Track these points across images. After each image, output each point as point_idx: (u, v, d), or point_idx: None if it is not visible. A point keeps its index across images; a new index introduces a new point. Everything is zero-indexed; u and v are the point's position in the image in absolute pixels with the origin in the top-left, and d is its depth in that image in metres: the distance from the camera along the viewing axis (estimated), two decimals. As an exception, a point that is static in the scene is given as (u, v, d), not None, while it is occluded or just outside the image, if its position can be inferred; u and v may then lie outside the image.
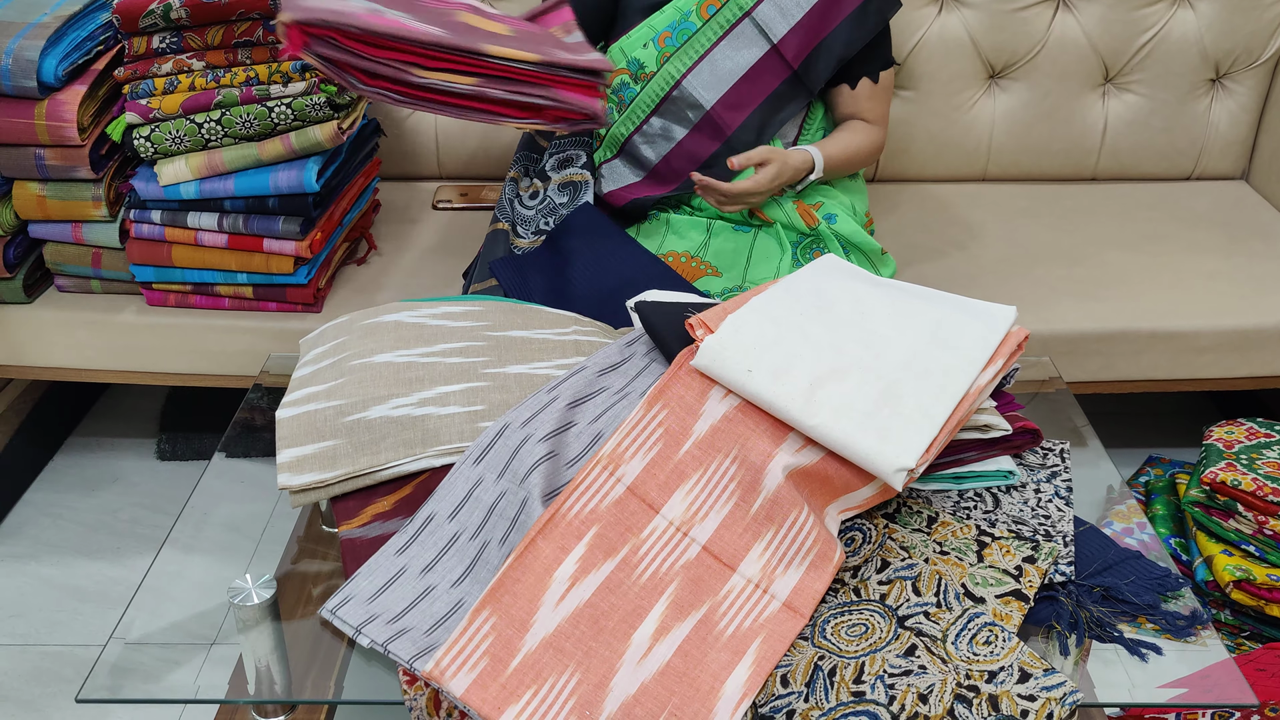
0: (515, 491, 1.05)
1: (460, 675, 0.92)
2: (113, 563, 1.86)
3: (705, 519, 1.01)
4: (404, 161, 2.14)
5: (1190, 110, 2.12)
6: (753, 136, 1.68)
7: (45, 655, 1.68)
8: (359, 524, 1.11)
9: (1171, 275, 1.84)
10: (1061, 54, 2.06)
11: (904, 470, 0.99)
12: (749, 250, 1.61)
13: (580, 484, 1.02)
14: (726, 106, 1.66)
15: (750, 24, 1.64)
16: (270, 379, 1.54)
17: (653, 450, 1.04)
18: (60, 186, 1.67)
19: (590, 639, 0.95)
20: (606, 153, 1.76)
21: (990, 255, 1.90)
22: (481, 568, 1.02)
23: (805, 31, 1.64)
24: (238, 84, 1.62)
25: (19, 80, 1.58)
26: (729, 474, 1.03)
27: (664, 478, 1.03)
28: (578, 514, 1.01)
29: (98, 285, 1.78)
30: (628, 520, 1.01)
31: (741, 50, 1.65)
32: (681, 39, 1.66)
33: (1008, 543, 1.06)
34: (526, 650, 0.94)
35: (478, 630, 0.95)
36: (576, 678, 0.93)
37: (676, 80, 1.66)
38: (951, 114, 2.11)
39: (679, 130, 1.69)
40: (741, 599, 0.98)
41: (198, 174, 1.65)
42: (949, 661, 0.94)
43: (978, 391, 1.09)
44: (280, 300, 1.74)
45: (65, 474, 2.08)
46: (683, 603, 0.98)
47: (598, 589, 0.97)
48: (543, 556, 0.98)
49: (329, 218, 1.74)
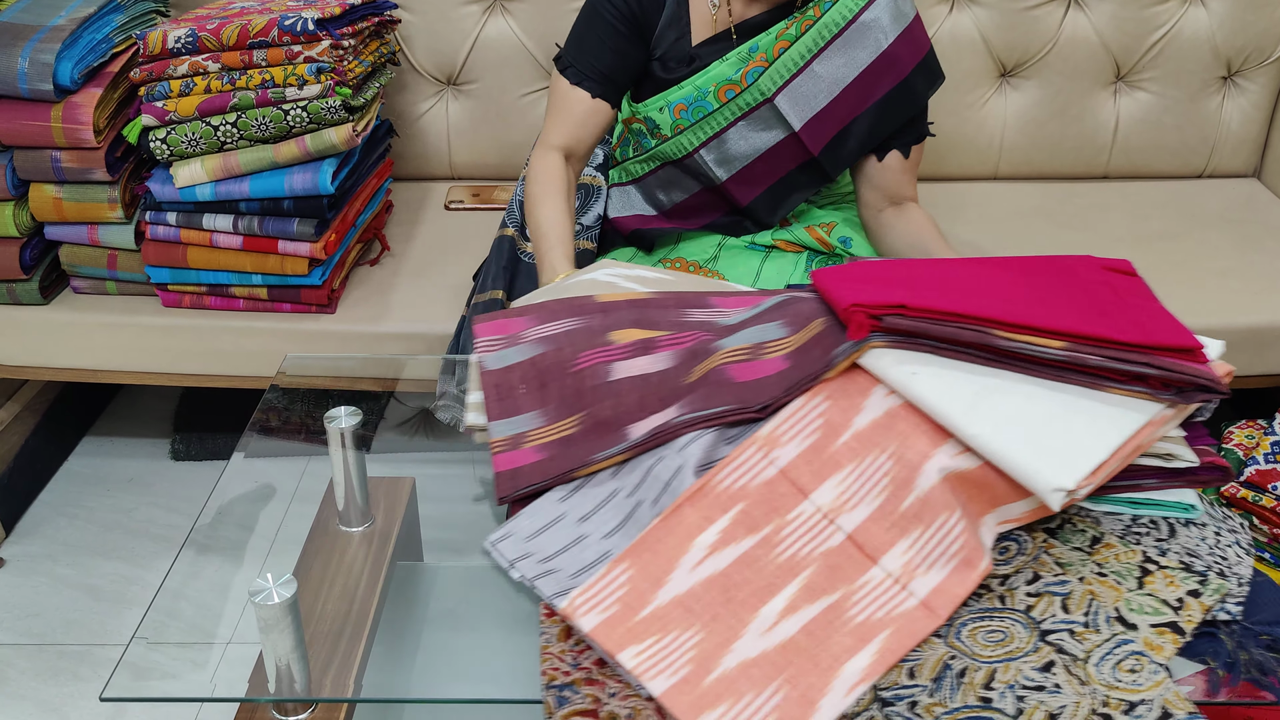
0: (673, 458, 1.07)
1: (591, 615, 0.97)
2: (127, 562, 1.87)
3: (854, 509, 1.02)
4: (416, 162, 2.15)
5: (1202, 108, 2.12)
6: (766, 212, 1.62)
7: (61, 654, 1.69)
8: None
9: (1184, 273, 1.84)
10: (1073, 52, 2.06)
11: (1062, 491, 0.96)
12: (760, 266, 1.59)
13: (734, 460, 1.04)
14: (738, 183, 1.59)
15: (770, 110, 1.53)
16: (286, 380, 1.55)
17: (810, 438, 1.05)
18: (76, 189, 1.68)
19: (719, 605, 0.98)
20: (622, 176, 1.70)
21: (1003, 253, 1.90)
22: (632, 525, 1.05)
23: (827, 120, 1.52)
24: (253, 86, 1.62)
25: (35, 84, 1.59)
26: (883, 469, 1.02)
27: (818, 465, 1.04)
28: (727, 488, 1.03)
29: (113, 287, 1.79)
30: (775, 501, 1.03)
31: (759, 133, 1.55)
32: (697, 115, 1.56)
33: (1174, 573, 1.02)
34: (657, 604, 0.98)
35: (615, 579, 0.99)
36: (700, 636, 0.96)
37: (689, 151, 1.58)
38: (963, 112, 2.11)
39: (693, 185, 1.64)
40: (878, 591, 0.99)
41: (213, 176, 1.65)
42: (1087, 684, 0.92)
43: (1162, 420, 1.04)
44: (294, 301, 1.75)
45: (80, 474, 2.09)
46: (816, 586, 0.99)
47: (734, 561, 1.00)
48: (687, 522, 1.02)
49: (343, 219, 1.75)
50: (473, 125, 2.11)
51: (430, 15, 2.04)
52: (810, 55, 1.49)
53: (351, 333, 1.75)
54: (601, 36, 1.54)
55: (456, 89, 2.11)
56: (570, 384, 1.17)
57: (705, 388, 1.12)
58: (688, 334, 1.20)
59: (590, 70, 1.54)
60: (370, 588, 1.28)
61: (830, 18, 1.47)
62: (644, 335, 1.20)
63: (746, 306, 1.21)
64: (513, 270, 1.65)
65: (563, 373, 1.18)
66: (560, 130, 1.55)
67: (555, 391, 1.17)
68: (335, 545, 1.35)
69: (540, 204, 1.49)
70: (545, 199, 1.49)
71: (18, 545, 1.91)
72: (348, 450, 1.32)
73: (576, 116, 1.55)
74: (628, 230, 1.66)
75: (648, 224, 1.67)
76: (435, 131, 2.12)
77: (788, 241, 1.61)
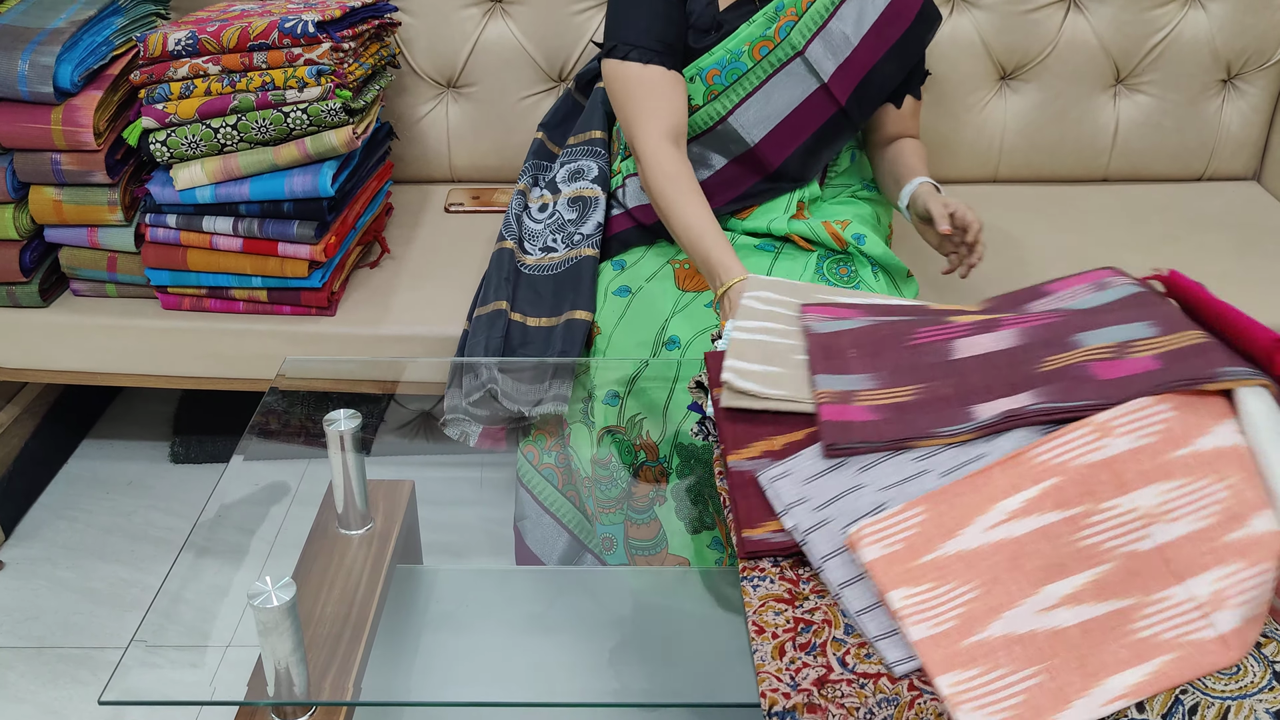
0: (977, 444, 1.04)
1: (875, 548, 0.96)
2: (127, 565, 1.87)
3: (1174, 522, 0.96)
4: (417, 165, 2.15)
5: (1202, 111, 2.12)
6: (796, 171, 1.65)
7: (61, 657, 1.69)
8: (747, 456, 1.09)
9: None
10: (1072, 55, 2.06)
11: None
12: (770, 266, 1.60)
13: (1060, 437, 1.01)
14: (770, 144, 1.63)
15: (801, 63, 1.59)
16: (286, 382, 1.55)
17: (1146, 439, 1.00)
18: (76, 191, 1.68)
19: (1004, 570, 0.95)
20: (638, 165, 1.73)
21: (1003, 256, 1.90)
22: (913, 485, 1.02)
23: (852, 67, 1.60)
24: (253, 89, 1.62)
25: (35, 86, 1.59)
26: (1216, 496, 0.97)
27: (1149, 467, 0.99)
28: (1044, 462, 1.00)
29: (113, 289, 1.79)
30: (1092, 486, 0.98)
31: (791, 88, 1.61)
32: (731, 78, 1.61)
33: None
34: (941, 553, 0.96)
35: (907, 520, 0.98)
36: (975, 594, 0.94)
37: (722, 116, 1.62)
38: (963, 115, 2.11)
39: (718, 159, 1.66)
40: (1174, 611, 0.93)
41: (213, 178, 1.65)
42: None
43: None
44: (294, 304, 1.75)
45: (80, 477, 2.09)
46: (1109, 585, 0.94)
47: (1033, 531, 0.97)
48: (994, 483, 0.99)
49: (343, 221, 1.75)
50: (473, 128, 2.11)
51: (430, 18, 2.04)
52: (835, 5, 1.57)
53: (351, 335, 1.75)
54: (654, 9, 1.55)
55: (456, 92, 2.11)
56: (906, 357, 1.14)
57: (1065, 381, 1.06)
58: (1034, 316, 1.16)
59: (657, 44, 1.53)
60: (369, 591, 1.28)
61: None
62: (985, 316, 1.17)
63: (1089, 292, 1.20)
64: (514, 282, 1.64)
65: (899, 344, 1.15)
66: (658, 118, 1.53)
67: (889, 360, 1.14)
68: (334, 548, 1.35)
69: (682, 203, 1.49)
70: (685, 197, 1.49)
71: (17, 548, 1.91)
72: (347, 453, 1.32)
73: (665, 95, 1.54)
74: (649, 221, 1.66)
75: None
76: (435, 134, 2.13)
77: (802, 236, 1.61)
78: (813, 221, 1.62)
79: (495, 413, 1.54)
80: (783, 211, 1.65)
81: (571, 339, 1.53)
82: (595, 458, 1.49)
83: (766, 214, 1.65)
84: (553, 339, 1.55)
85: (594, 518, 1.51)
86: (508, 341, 1.56)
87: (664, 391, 1.45)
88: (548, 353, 1.53)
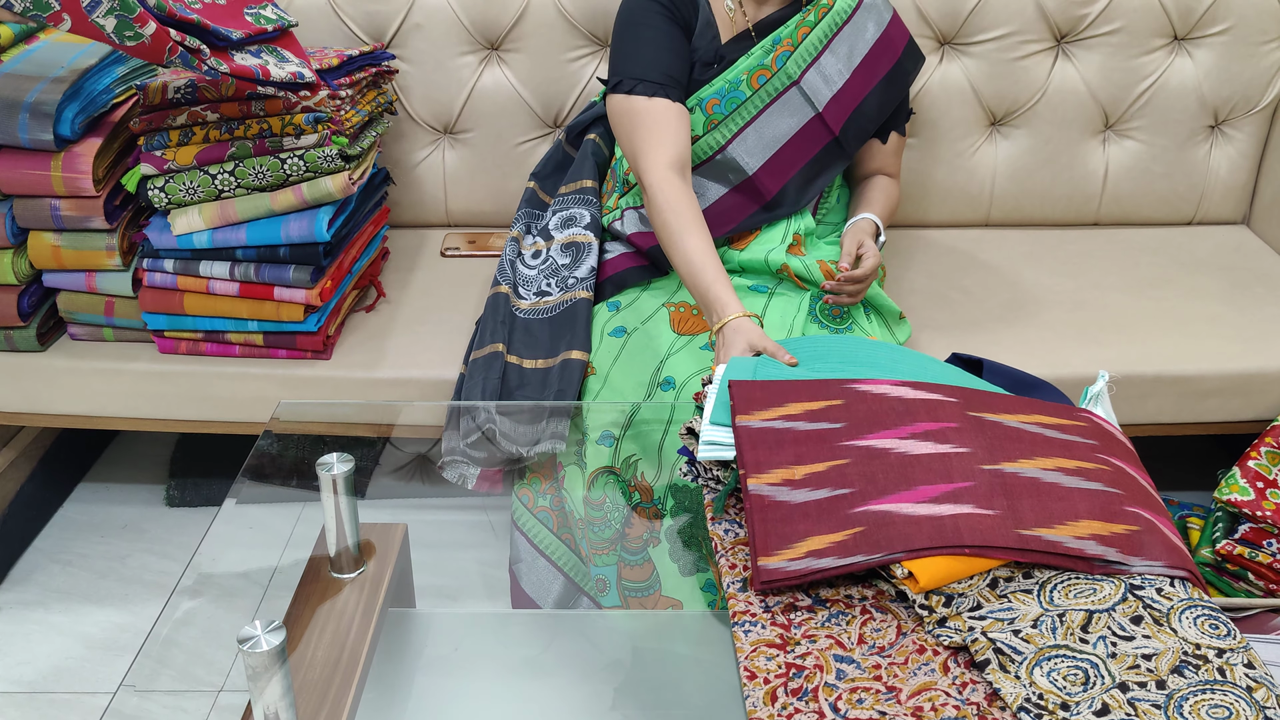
0: None
1: None
2: (121, 609, 1.86)
3: None
4: (413, 210, 2.17)
5: (1190, 156, 2.14)
6: (792, 200, 1.71)
7: (53, 703, 1.68)
8: (767, 481, 1.08)
9: (1174, 320, 1.85)
10: (1061, 102, 2.09)
11: None
12: (764, 308, 1.62)
13: None
14: (768, 173, 1.68)
15: (797, 92, 1.66)
16: (280, 425, 1.56)
17: None
18: (75, 236, 1.70)
19: None
20: (638, 199, 1.75)
21: (994, 300, 1.92)
22: None
23: (844, 98, 1.67)
24: (251, 135, 1.64)
25: (36, 134, 1.61)
26: None
27: None
28: None
29: (110, 333, 1.80)
30: None
31: (787, 118, 1.67)
32: (730, 107, 1.67)
33: None
34: None
35: None
36: None
37: (721, 145, 1.68)
38: (954, 160, 2.13)
39: (716, 189, 1.70)
40: None
41: (210, 224, 1.67)
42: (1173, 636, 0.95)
43: None
44: (290, 347, 1.76)
45: (75, 520, 2.09)
46: None
47: None
48: None
49: (339, 266, 1.76)
50: (469, 173, 2.13)
51: (427, 66, 2.07)
52: (828, 37, 1.65)
53: (347, 379, 1.76)
54: (659, 43, 1.59)
55: (453, 138, 2.13)
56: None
57: None
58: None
59: (662, 77, 1.56)
60: (361, 634, 1.28)
61: (840, 4, 1.65)
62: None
63: None
64: (510, 325, 1.66)
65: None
66: (664, 148, 1.54)
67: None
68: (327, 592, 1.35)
69: (684, 236, 1.48)
70: (688, 230, 1.49)
71: (10, 592, 1.90)
72: (340, 496, 1.32)
73: (671, 127, 1.55)
74: (646, 246, 1.68)
75: None
76: (432, 179, 2.15)
77: (796, 275, 1.63)
78: (808, 260, 1.64)
79: (493, 455, 1.55)
80: (780, 242, 1.68)
81: (568, 379, 1.54)
82: (589, 499, 1.50)
83: (764, 245, 1.68)
84: (549, 379, 1.56)
85: (588, 559, 1.51)
86: (504, 384, 1.57)
87: (659, 433, 1.46)
88: (544, 393, 1.54)
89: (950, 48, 2.07)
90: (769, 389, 1.21)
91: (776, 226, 1.71)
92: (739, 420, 1.16)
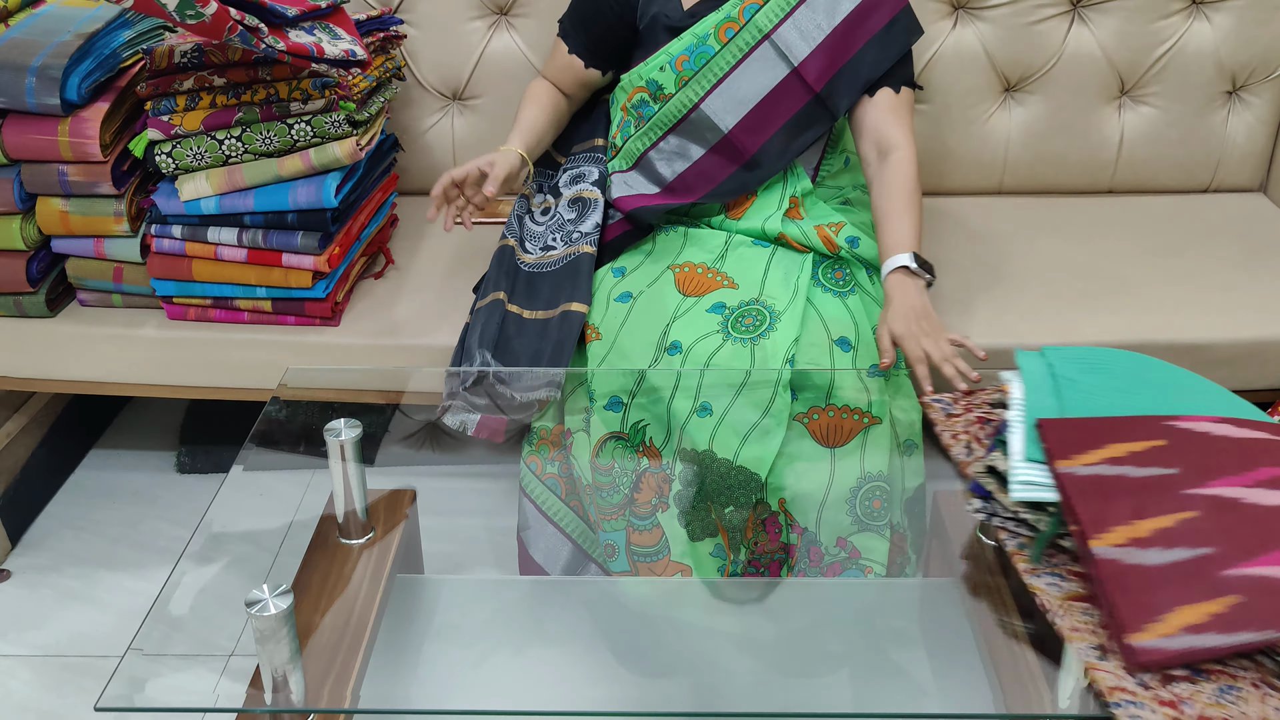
0: None
1: None
2: (134, 575, 1.87)
3: None
4: (422, 177, 2.16)
5: (1207, 123, 2.12)
6: (774, 159, 1.67)
7: (66, 666, 1.69)
8: (1112, 542, 0.98)
9: (1189, 287, 1.83)
10: (1077, 67, 2.06)
11: None
12: (767, 264, 1.61)
13: None
14: (745, 130, 1.66)
15: (770, 47, 1.63)
16: (288, 392, 1.56)
17: None
18: (83, 202, 1.69)
19: None
20: (623, 163, 1.76)
21: (1007, 269, 1.90)
22: None
23: (827, 54, 1.63)
24: (258, 101, 1.63)
25: (43, 98, 1.60)
26: None
27: None
28: None
29: (119, 299, 1.80)
30: None
31: (761, 74, 1.64)
32: (700, 62, 1.65)
33: None
34: None
35: None
36: None
37: (694, 103, 1.66)
38: (967, 127, 2.11)
39: (696, 150, 1.70)
40: None
41: (218, 190, 1.66)
42: None
43: None
44: (298, 314, 1.76)
45: (87, 486, 2.10)
46: None
47: None
48: None
49: (347, 232, 1.75)
50: (478, 140, 2.12)
51: (436, 31, 2.05)
52: None
53: (355, 345, 1.76)
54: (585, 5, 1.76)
55: (462, 104, 2.12)
56: None
57: None
58: None
59: (571, 29, 1.78)
60: (369, 600, 1.29)
61: None
62: None
63: None
64: (513, 277, 1.67)
65: None
66: (548, 69, 1.84)
67: None
68: (335, 557, 1.36)
69: (522, 110, 1.79)
70: (526, 106, 1.79)
71: (24, 557, 1.92)
72: (348, 462, 1.32)
73: (559, 61, 1.81)
74: (628, 209, 1.70)
75: (649, 201, 1.70)
76: (441, 146, 2.13)
77: (795, 239, 1.62)
78: (805, 224, 1.63)
79: (493, 401, 1.56)
80: (776, 208, 1.66)
81: (568, 329, 1.55)
82: (597, 464, 1.50)
83: (760, 212, 1.67)
84: (548, 330, 1.57)
85: (596, 524, 1.51)
86: (503, 331, 1.58)
87: (667, 397, 1.46)
88: (542, 343, 1.55)
89: (964, 12, 2.05)
90: (1083, 428, 1.10)
91: (771, 192, 1.68)
92: (1061, 467, 1.06)
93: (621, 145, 1.76)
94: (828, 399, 1.46)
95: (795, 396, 1.46)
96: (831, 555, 1.46)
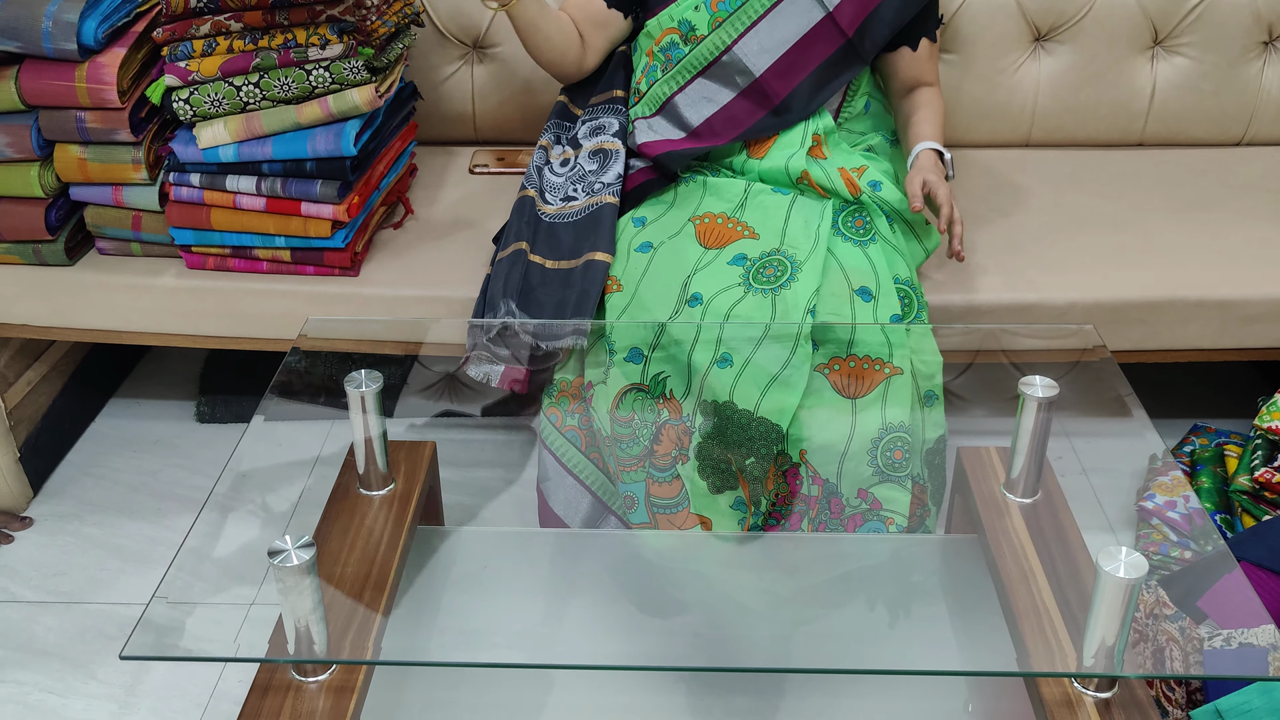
0: None
1: None
2: (153, 523, 1.88)
3: None
4: (441, 126, 2.14)
5: (1241, 74, 2.07)
6: (802, 105, 1.67)
7: (88, 613, 1.71)
8: None
9: (1219, 243, 1.80)
10: (1109, 16, 2.02)
11: None
12: (787, 212, 1.60)
13: None
14: (776, 75, 1.65)
15: None
16: (308, 342, 1.55)
17: None
18: (101, 149, 1.68)
19: None
20: (647, 109, 1.75)
21: (1034, 222, 1.87)
22: None
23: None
24: (275, 46, 1.61)
25: (59, 43, 1.58)
26: None
27: None
28: None
29: (138, 248, 1.79)
30: None
31: (797, 16, 1.64)
32: (735, 4, 1.64)
33: None
34: None
35: None
36: None
37: (728, 45, 1.65)
38: (995, 78, 2.07)
39: (725, 94, 1.68)
40: None
41: (236, 137, 1.65)
42: None
43: None
44: (318, 264, 1.74)
45: (107, 435, 2.10)
46: None
47: None
48: None
49: (366, 181, 1.74)
50: (498, 89, 2.10)
51: (455, -24, 2.02)
52: None
53: (375, 296, 1.75)
54: None
55: (481, 52, 2.09)
56: None
57: None
58: None
59: None
60: (390, 551, 1.29)
61: None
62: None
63: None
64: (535, 227, 1.66)
65: None
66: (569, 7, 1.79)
67: None
68: (355, 508, 1.36)
69: None
70: None
71: (45, 505, 1.93)
72: (368, 414, 1.31)
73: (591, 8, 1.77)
74: (654, 154, 1.68)
75: (674, 146, 1.69)
76: (460, 95, 2.11)
77: (818, 183, 1.61)
78: (828, 165, 1.62)
79: (516, 352, 1.56)
80: (799, 145, 1.65)
81: (592, 278, 1.54)
82: (617, 416, 1.49)
83: (783, 151, 1.65)
84: (572, 279, 1.56)
85: (616, 476, 1.50)
86: (526, 281, 1.57)
87: (687, 349, 1.45)
88: (566, 292, 1.55)
89: (995, -42, 2.00)
90: None
91: (794, 130, 1.68)
92: None
93: (646, 90, 1.74)
94: (849, 349, 1.45)
95: (816, 347, 1.45)
96: (852, 507, 1.45)
